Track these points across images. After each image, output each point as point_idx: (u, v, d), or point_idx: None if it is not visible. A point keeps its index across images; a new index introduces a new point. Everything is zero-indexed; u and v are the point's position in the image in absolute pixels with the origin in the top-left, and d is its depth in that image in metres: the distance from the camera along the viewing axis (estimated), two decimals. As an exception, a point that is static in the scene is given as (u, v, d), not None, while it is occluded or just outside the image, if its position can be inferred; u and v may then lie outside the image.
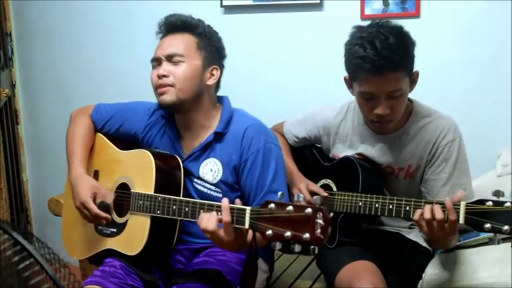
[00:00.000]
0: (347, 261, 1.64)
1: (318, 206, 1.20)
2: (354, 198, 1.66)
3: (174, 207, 1.53)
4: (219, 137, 1.68)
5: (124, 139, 1.83)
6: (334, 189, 1.79)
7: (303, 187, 1.79)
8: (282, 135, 2.00)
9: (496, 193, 1.34)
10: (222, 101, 1.76)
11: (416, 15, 2.16)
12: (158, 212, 1.56)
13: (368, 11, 2.21)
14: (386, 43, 1.53)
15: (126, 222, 1.66)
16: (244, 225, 1.32)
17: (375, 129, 1.75)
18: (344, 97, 1.85)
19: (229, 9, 2.48)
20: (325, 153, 1.92)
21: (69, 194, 1.75)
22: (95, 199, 1.68)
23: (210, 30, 1.73)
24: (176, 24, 1.70)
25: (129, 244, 1.63)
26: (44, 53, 2.98)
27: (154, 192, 1.59)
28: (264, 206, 1.26)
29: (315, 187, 1.79)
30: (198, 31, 1.69)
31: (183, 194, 1.65)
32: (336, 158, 1.84)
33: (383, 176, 1.76)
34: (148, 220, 1.58)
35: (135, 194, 1.63)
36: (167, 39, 1.69)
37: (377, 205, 1.59)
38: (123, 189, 1.70)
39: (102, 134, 1.85)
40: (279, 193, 1.28)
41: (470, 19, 2.11)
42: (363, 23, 1.71)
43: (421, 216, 1.43)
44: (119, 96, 2.03)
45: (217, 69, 1.71)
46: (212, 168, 1.68)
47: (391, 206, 1.56)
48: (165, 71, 1.64)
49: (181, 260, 1.72)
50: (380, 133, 1.75)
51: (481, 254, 1.63)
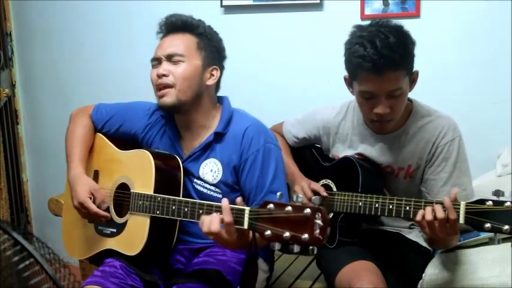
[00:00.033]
0: (347, 261, 1.64)
1: (316, 206, 1.19)
2: (354, 198, 1.66)
3: (174, 208, 1.53)
4: (219, 137, 1.68)
5: (124, 139, 1.83)
6: (334, 189, 1.79)
7: (305, 185, 1.79)
8: (281, 136, 2.00)
9: (496, 193, 1.34)
10: (222, 101, 1.76)
11: (416, 15, 2.16)
12: (158, 212, 1.56)
13: (368, 11, 2.21)
14: (387, 42, 1.53)
15: (125, 223, 1.66)
16: (243, 225, 1.32)
17: (374, 128, 1.75)
18: (344, 97, 1.85)
19: (229, 9, 2.48)
20: (324, 153, 1.92)
21: (69, 193, 1.75)
22: (94, 201, 1.68)
23: (210, 30, 1.73)
24: (177, 24, 1.70)
25: (128, 244, 1.63)
26: (44, 53, 2.97)
27: (154, 192, 1.59)
28: (263, 207, 1.26)
29: (317, 185, 1.79)
30: (199, 31, 1.70)
31: (183, 194, 1.64)
32: (336, 158, 1.84)
33: (383, 176, 1.76)
34: (147, 220, 1.58)
35: (135, 194, 1.63)
36: (168, 39, 1.70)
37: (377, 205, 1.59)
38: (123, 189, 1.70)
39: (102, 134, 1.85)
40: (278, 193, 1.28)
41: (470, 19, 2.11)
42: (363, 23, 1.71)
43: (423, 217, 1.43)
44: (118, 96, 2.03)
45: (217, 70, 1.71)
46: (212, 168, 1.68)
47: (391, 206, 1.55)
48: (164, 70, 1.64)
49: (181, 260, 1.72)
50: (380, 133, 1.74)
51: (481, 254, 1.63)
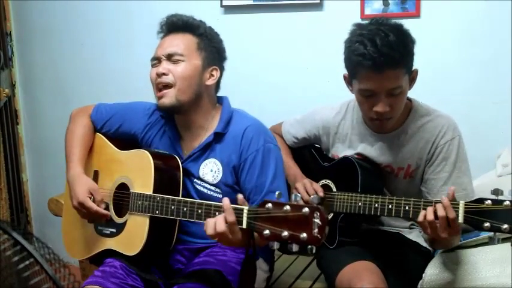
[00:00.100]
0: (347, 261, 1.64)
1: (315, 205, 1.19)
2: (354, 198, 1.66)
3: (173, 207, 1.53)
4: (219, 137, 1.68)
5: (124, 139, 1.83)
6: (334, 189, 1.78)
7: (307, 181, 1.79)
8: (280, 136, 2.00)
9: (494, 192, 1.33)
10: (221, 101, 1.76)
11: (416, 15, 2.16)
12: (157, 212, 1.56)
13: (368, 11, 2.20)
14: (387, 40, 1.53)
15: (125, 223, 1.66)
16: (241, 225, 1.32)
17: (374, 127, 1.74)
18: (344, 97, 1.85)
19: (229, 9, 2.48)
20: (324, 153, 1.92)
21: (69, 193, 1.75)
22: (93, 201, 1.68)
23: (211, 31, 1.73)
24: (177, 24, 1.70)
25: (128, 244, 1.63)
26: (44, 53, 2.97)
27: (153, 192, 1.59)
28: (262, 206, 1.26)
29: (316, 185, 1.79)
30: (199, 32, 1.70)
31: (184, 194, 1.64)
32: (336, 158, 1.84)
33: (382, 176, 1.76)
34: (147, 220, 1.58)
35: (134, 194, 1.62)
36: (168, 39, 1.70)
37: (376, 205, 1.59)
38: (123, 189, 1.70)
39: (102, 134, 1.85)
40: (277, 192, 1.28)
41: (470, 19, 2.11)
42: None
43: (425, 217, 1.43)
44: (118, 96, 2.03)
45: (217, 70, 1.71)
46: (212, 168, 1.68)
47: (391, 206, 1.55)
48: (164, 69, 1.65)
49: (181, 260, 1.72)
50: (379, 132, 1.74)
51: (481, 254, 1.63)
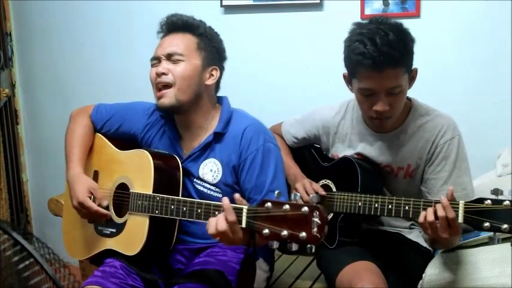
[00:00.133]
0: (348, 261, 1.64)
1: (314, 204, 1.19)
2: (354, 198, 1.65)
3: (172, 207, 1.53)
4: (219, 137, 1.68)
5: (123, 139, 1.83)
6: (334, 189, 1.78)
7: (307, 182, 1.79)
8: (280, 136, 2.00)
9: (494, 191, 1.33)
10: (221, 101, 1.76)
11: (416, 15, 2.16)
12: (157, 212, 1.56)
13: (368, 11, 2.20)
14: (387, 39, 1.53)
15: (125, 223, 1.66)
16: (241, 224, 1.32)
17: (373, 126, 1.74)
18: (344, 97, 1.85)
19: (229, 9, 2.48)
20: (324, 153, 1.92)
21: (69, 193, 1.75)
22: (94, 199, 1.68)
23: (211, 31, 1.73)
24: (177, 24, 1.70)
25: (128, 244, 1.63)
26: (44, 53, 2.97)
27: (153, 192, 1.59)
28: (261, 205, 1.26)
29: (316, 186, 1.79)
30: (199, 32, 1.70)
31: (184, 194, 1.65)
32: (335, 157, 1.84)
33: (382, 176, 1.76)
34: (147, 220, 1.58)
35: (134, 194, 1.62)
36: (168, 39, 1.70)
37: (376, 205, 1.59)
38: (123, 189, 1.70)
39: (102, 134, 1.85)
40: (276, 192, 1.28)
41: (470, 19, 2.11)
42: (363, 22, 1.71)
43: (425, 218, 1.43)
44: (118, 96, 2.03)
45: (217, 70, 1.71)
46: (212, 168, 1.68)
47: (390, 206, 1.55)
48: (164, 68, 1.65)
49: (181, 260, 1.72)
50: (379, 131, 1.74)
51: (481, 254, 1.63)
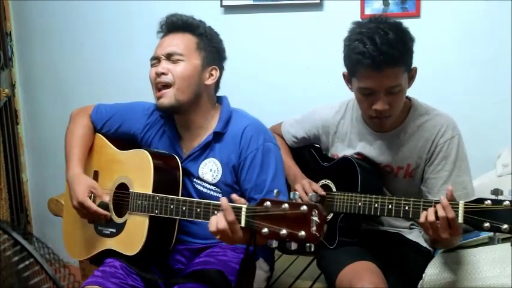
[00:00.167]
0: (348, 261, 1.64)
1: (313, 203, 1.19)
2: (354, 198, 1.65)
3: (172, 207, 1.53)
4: (218, 137, 1.68)
5: (123, 139, 1.83)
6: (334, 189, 1.78)
7: (306, 183, 1.79)
8: (280, 136, 1.99)
9: (494, 192, 1.33)
10: (221, 101, 1.76)
11: (416, 15, 2.16)
12: (156, 212, 1.56)
13: (368, 11, 2.20)
14: (386, 39, 1.53)
15: (125, 222, 1.66)
16: (240, 223, 1.32)
17: (373, 125, 1.74)
18: (344, 97, 1.85)
19: (229, 9, 2.47)
20: (324, 153, 1.92)
21: (69, 193, 1.75)
22: (94, 199, 1.68)
23: (210, 31, 1.73)
24: (177, 24, 1.70)
25: (128, 244, 1.63)
26: (44, 53, 2.97)
27: (153, 192, 1.59)
28: (260, 204, 1.26)
29: (316, 186, 1.79)
30: (199, 31, 1.70)
31: (183, 194, 1.65)
32: (335, 157, 1.84)
33: (382, 176, 1.76)
34: (146, 220, 1.58)
35: (134, 193, 1.62)
36: (168, 39, 1.70)
37: (376, 205, 1.59)
38: (123, 189, 1.70)
39: (102, 134, 1.85)
40: (275, 190, 1.28)
41: (470, 19, 2.11)
42: (363, 22, 1.71)
43: (426, 218, 1.43)
44: (118, 96, 2.03)
45: (217, 70, 1.71)
46: (212, 168, 1.68)
47: (390, 206, 1.55)
48: (163, 68, 1.65)
49: (181, 260, 1.72)
50: (378, 130, 1.74)
51: (481, 254, 1.62)
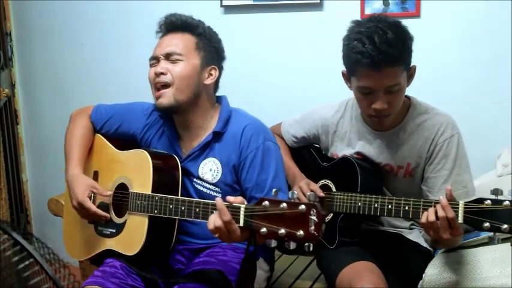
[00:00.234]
0: (348, 261, 1.64)
1: (311, 202, 1.19)
2: (353, 198, 1.65)
3: (171, 207, 1.53)
4: (218, 136, 1.68)
5: (123, 139, 1.83)
6: (333, 189, 1.78)
7: (304, 184, 1.79)
8: (280, 137, 1.99)
9: (494, 191, 1.33)
10: (220, 100, 1.76)
11: (416, 15, 2.16)
12: (155, 212, 1.56)
13: (368, 11, 2.20)
14: (385, 38, 1.53)
15: (124, 223, 1.66)
16: (239, 223, 1.32)
17: (372, 124, 1.74)
18: (344, 97, 1.85)
19: (229, 9, 2.47)
20: (323, 153, 1.92)
21: (69, 194, 1.75)
22: (95, 199, 1.68)
23: (209, 31, 1.73)
24: (176, 23, 1.70)
25: (128, 244, 1.63)
26: (44, 53, 2.97)
27: (152, 192, 1.59)
28: (259, 204, 1.26)
29: (315, 186, 1.79)
30: (198, 31, 1.70)
31: (183, 194, 1.65)
32: (335, 156, 1.84)
33: (382, 176, 1.76)
34: (146, 220, 1.58)
35: (133, 194, 1.62)
36: (167, 38, 1.70)
37: (376, 205, 1.59)
38: (122, 190, 1.70)
39: (102, 134, 1.85)
40: (273, 190, 1.28)
41: (470, 19, 2.11)
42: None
43: (427, 218, 1.43)
44: (118, 96, 2.03)
45: (216, 70, 1.71)
46: (211, 168, 1.68)
47: (390, 206, 1.55)
48: (162, 68, 1.65)
49: (181, 260, 1.72)
50: (378, 129, 1.74)
51: (481, 254, 1.62)
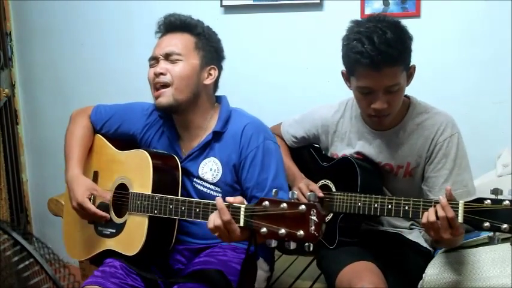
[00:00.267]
0: (347, 261, 1.64)
1: (312, 202, 1.19)
2: (353, 198, 1.65)
3: (171, 207, 1.53)
4: (218, 136, 1.68)
5: (123, 139, 1.83)
6: (333, 189, 1.78)
7: (303, 186, 1.79)
8: (280, 137, 1.99)
9: (494, 191, 1.33)
10: (220, 100, 1.76)
11: (416, 15, 2.16)
12: (155, 212, 1.56)
13: (368, 11, 2.20)
14: (384, 38, 1.53)
15: (124, 223, 1.66)
16: (239, 223, 1.32)
17: (372, 124, 1.74)
18: (344, 97, 1.85)
19: (229, 9, 2.47)
20: (323, 153, 1.92)
21: (69, 195, 1.75)
22: (94, 199, 1.68)
23: (209, 30, 1.73)
24: (175, 23, 1.70)
25: (128, 244, 1.63)
26: (44, 53, 2.97)
27: (152, 192, 1.59)
28: (259, 204, 1.26)
29: (314, 186, 1.79)
30: (197, 31, 1.70)
31: (183, 194, 1.65)
32: (335, 156, 1.84)
33: (382, 175, 1.76)
34: (146, 220, 1.58)
35: (133, 194, 1.62)
36: (166, 38, 1.70)
37: (376, 205, 1.59)
38: (122, 190, 1.70)
39: (102, 134, 1.85)
40: (273, 190, 1.28)
41: (470, 19, 2.10)
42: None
43: (427, 218, 1.43)
44: (118, 96, 2.03)
45: (215, 69, 1.71)
46: (212, 167, 1.68)
47: (390, 206, 1.55)
48: (162, 69, 1.65)
49: (181, 260, 1.72)
50: (378, 129, 1.74)
51: (481, 254, 1.62)
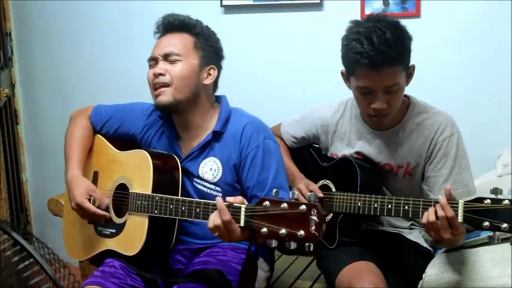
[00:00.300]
0: (347, 261, 1.64)
1: (312, 202, 1.19)
2: (353, 198, 1.65)
3: (171, 207, 1.53)
4: (218, 136, 1.68)
5: (123, 140, 1.83)
6: (333, 189, 1.78)
7: (303, 186, 1.79)
8: (280, 138, 1.99)
9: (494, 191, 1.33)
10: (219, 100, 1.76)
11: (416, 15, 2.16)
12: (156, 212, 1.56)
13: (368, 11, 2.19)
14: (384, 38, 1.53)
15: (125, 223, 1.66)
16: (239, 223, 1.32)
17: (372, 124, 1.75)
18: (344, 97, 1.85)
19: (229, 9, 2.48)
20: (323, 153, 1.92)
21: (68, 195, 1.75)
22: (94, 202, 1.68)
23: (208, 30, 1.73)
24: (174, 24, 1.70)
25: (128, 244, 1.63)
26: (44, 53, 2.97)
27: (152, 192, 1.59)
28: (259, 204, 1.26)
29: (314, 186, 1.80)
30: (196, 31, 1.70)
31: (183, 194, 1.65)
32: (335, 156, 1.84)
33: (382, 175, 1.76)
34: (146, 220, 1.58)
35: (133, 194, 1.62)
36: (165, 39, 1.70)
37: (376, 205, 1.59)
38: (122, 190, 1.70)
39: (102, 135, 1.85)
40: (274, 190, 1.28)
41: (470, 19, 2.11)
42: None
43: (427, 218, 1.43)
44: (118, 96, 2.03)
45: (215, 69, 1.71)
46: (212, 167, 1.68)
47: (390, 206, 1.55)
48: (161, 69, 1.65)
49: (181, 260, 1.72)
50: (377, 128, 1.74)
51: (481, 254, 1.62)
